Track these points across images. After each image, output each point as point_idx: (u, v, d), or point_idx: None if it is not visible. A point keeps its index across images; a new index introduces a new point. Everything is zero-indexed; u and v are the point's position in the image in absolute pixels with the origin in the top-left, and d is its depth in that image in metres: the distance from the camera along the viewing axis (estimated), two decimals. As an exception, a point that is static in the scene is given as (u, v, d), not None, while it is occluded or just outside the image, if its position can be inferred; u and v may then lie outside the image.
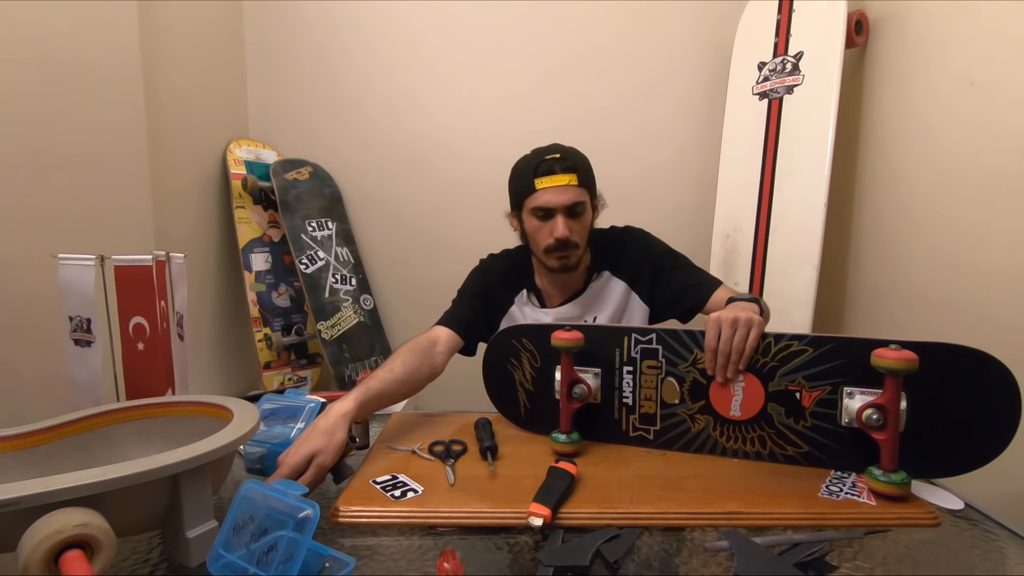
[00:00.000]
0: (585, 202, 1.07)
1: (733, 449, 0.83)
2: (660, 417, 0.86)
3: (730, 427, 0.83)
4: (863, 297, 1.43)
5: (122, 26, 1.15)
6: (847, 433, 0.76)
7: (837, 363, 0.76)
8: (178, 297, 0.95)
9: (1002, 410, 0.71)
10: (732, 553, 0.63)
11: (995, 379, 0.70)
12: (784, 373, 0.79)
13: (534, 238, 1.09)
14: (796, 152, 1.44)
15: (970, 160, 1.11)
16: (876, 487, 0.71)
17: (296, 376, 1.69)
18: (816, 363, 0.77)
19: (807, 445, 0.79)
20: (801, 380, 0.78)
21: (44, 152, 0.97)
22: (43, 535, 0.49)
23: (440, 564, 0.58)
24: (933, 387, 0.71)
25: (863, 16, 1.41)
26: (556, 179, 1.04)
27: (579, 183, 1.05)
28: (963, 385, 0.71)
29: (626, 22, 1.71)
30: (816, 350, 0.77)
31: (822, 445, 0.78)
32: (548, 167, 1.04)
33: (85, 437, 0.72)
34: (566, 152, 1.07)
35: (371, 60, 1.76)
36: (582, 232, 1.08)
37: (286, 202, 1.64)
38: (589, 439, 0.89)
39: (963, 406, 0.72)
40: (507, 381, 0.97)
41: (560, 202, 1.04)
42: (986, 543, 0.66)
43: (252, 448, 0.84)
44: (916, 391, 0.71)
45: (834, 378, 0.76)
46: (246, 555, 0.54)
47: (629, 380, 0.87)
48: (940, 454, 0.73)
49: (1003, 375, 0.70)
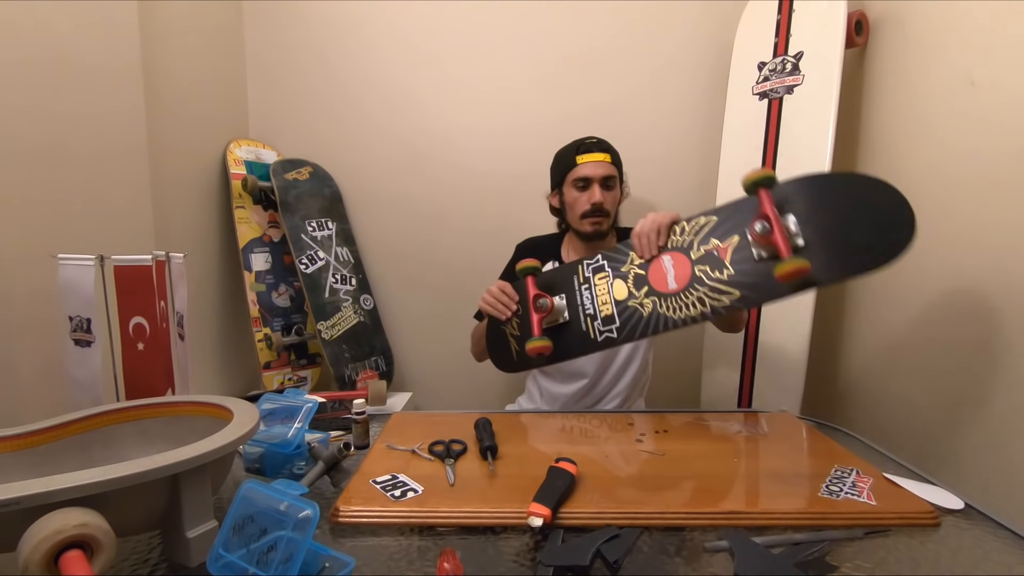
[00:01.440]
0: (616, 177, 1.30)
1: (681, 318, 0.96)
2: (617, 314, 1.03)
3: (672, 299, 0.98)
4: (862, 296, 1.43)
5: (122, 26, 1.14)
6: (764, 266, 0.89)
7: (738, 219, 0.94)
8: (178, 297, 0.95)
9: (891, 219, 0.84)
10: (732, 553, 0.63)
11: (884, 198, 0.85)
12: (700, 241, 0.97)
13: (572, 207, 1.30)
14: (796, 152, 1.44)
15: (970, 160, 1.11)
16: (781, 270, 0.82)
17: (296, 376, 1.69)
18: (721, 225, 0.95)
19: (737, 289, 0.92)
20: (714, 240, 0.95)
21: (44, 152, 0.97)
22: (43, 535, 0.49)
23: (440, 564, 0.58)
24: (833, 209, 0.87)
25: (863, 16, 1.41)
26: (594, 156, 1.27)
27: (612, 162, 1.28)
28: (859, 206, 0.86)
29: (626, 22, 1.71)
30: (719, 216, 0.96)
31: (748, 284, 0.91)
32: (588, 147, 1.29)
33: (85, 437, 0.72)
34: (601, 139, 1.32)
35: (371, 60, 1.76)
36: (613, 203, 1.29)
37: (286, 202, 1.64)
38: (566, 357, 1.08)
39: (860, 220, 0.85)
40: (501, 338, 1.16)
41: (597, 174, 1.26)
42: (986, 543, 0.66)
43: (252, 448, 0.84)
44: (819, 212, 0.87)
45: (739, 230, 0.93)
46: (246, 555, 0.54)
47: (587, 295, 1.07)
48: (844, 257, 0.86)
49: (891, 194, 0.84)
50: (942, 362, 1.15)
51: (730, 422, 1.05)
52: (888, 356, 1.33)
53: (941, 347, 1.16)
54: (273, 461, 0.83)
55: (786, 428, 1.03)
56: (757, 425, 1.04)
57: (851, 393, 1.47)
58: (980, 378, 1.06)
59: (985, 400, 1.05)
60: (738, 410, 1.39)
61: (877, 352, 1.38)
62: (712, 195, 1.64)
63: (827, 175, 1.04)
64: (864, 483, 0.77)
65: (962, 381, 1.10)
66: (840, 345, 1.52)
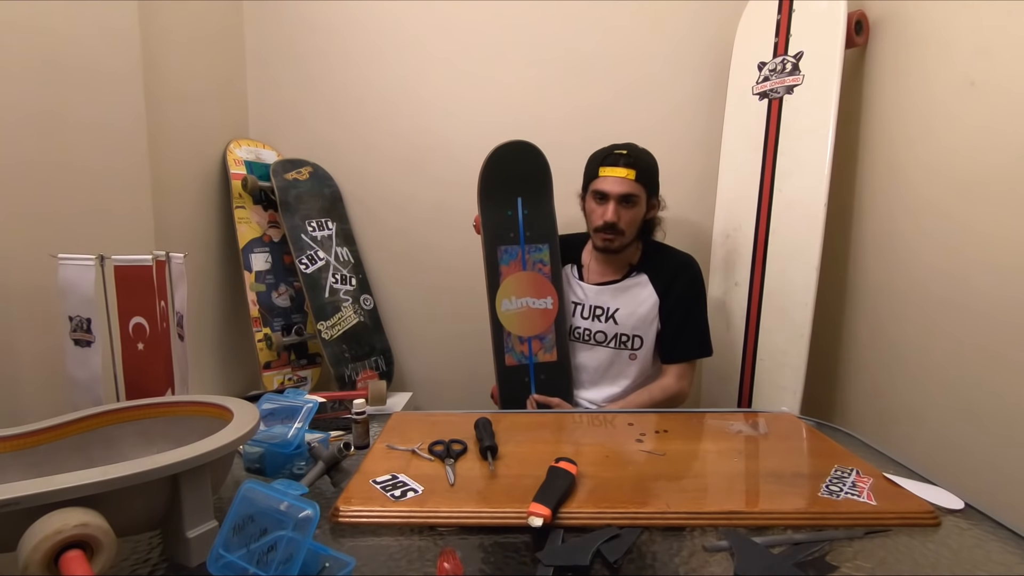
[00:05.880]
0: (639, 196, 1.24)
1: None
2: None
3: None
4: (863, 297, 1.43)
5: (122, 27, 1.14)
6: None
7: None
8: (178, 297, 0.95)
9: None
10: (732, 553, 0.63)
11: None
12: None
13: (590, 217, 1.30)
14: (796, 152, 1.44)
15: (970, 160, 1.11)
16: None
17: (296, 376, 1.69)
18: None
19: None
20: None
21: (44, 152, 0.97)
22: (43, 535, 0.49)
23: (440, 564, 0.58)
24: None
25: (863, 16, 1.41)
26: (617, 171, 1.22)
27: (636, 179, 1.23)
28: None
29: (626, 22, 1.71)
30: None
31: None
32: (613, 160, 1.24)
33: (85, 437, 0.72)
34: (633, 150, 1.26)
35: (371, 60, 1.76)
36: (631, 222, 1.26)
37: (286, 202, 1.64)
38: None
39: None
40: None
41: (615, 191, 1.22)
42: (986, 543, 0.66)
43: (252, 448, 0.84)
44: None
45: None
46: (246, 555, 0.54)
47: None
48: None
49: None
50: (942, 361, 1.15)
51: (730, 422, 1.05)
52: (888, 356, 1.33)
53: (941, 346, 1.16)
54: (273, 461, 0.83)
55: (786, 428, 1.03)
56: (757, 425, 1.04)
57: (851, 393, 1.47)
58: (980, 378, 1.06)
59: (985, 400, 1.05)
60: (738, 410, 1.38)
61: (877, 352, 1.38)
62: (712, 195, 1.65)
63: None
64: (864, 483, 0.77)
65: (962, 380, 1.10)
66: (840, 345, 1.52)
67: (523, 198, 1.35)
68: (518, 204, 1.35)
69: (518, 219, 1.35)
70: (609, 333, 1.32)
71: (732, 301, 1.56)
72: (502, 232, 1.35)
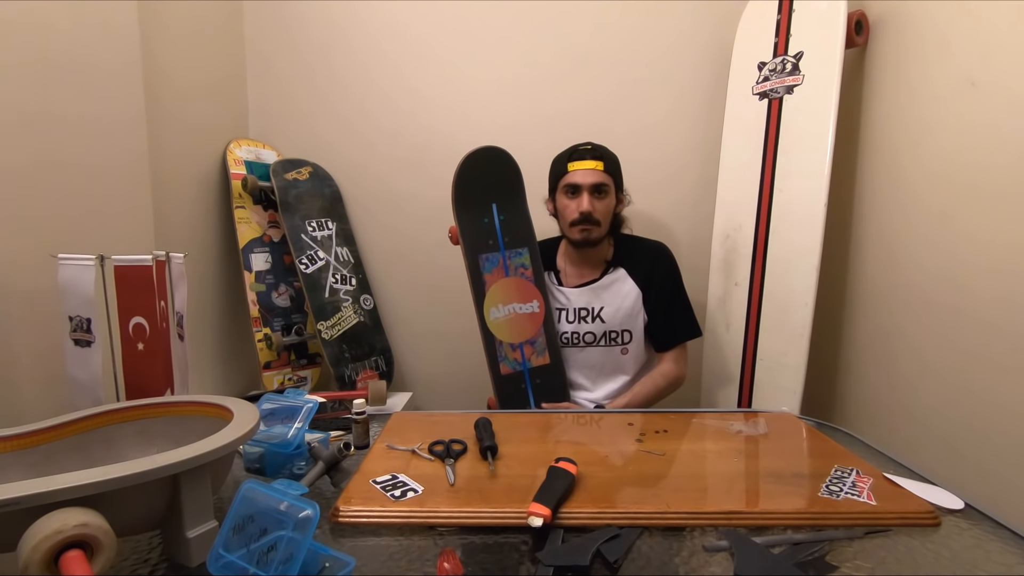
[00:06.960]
0: (609, 186, 1.28)
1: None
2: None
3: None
4: (863, 297, 1.43)
5: (122, 26, 1.14)
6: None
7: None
8: (178, 297, 0.95)
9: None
10: (732, 553, 0.63)
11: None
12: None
13: (563, 213, 1.31)
14: (796, 152, 1.44)
15: (970, 160, 1.11)
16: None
17: (296, 376, 1.69)
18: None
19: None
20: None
21: (44, 152, 0.97)
22: (43, 535, 0.49)
23: (440, 564, 0.58)
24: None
25: (863, 16, 1.41)
26: (585, 163, 1.26)
27: (605, 170, 1.27)
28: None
29: (626, 22, 1.71)
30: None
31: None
32: (580, 154, 1.28)
33: (85, 437, 0.72)
34: (596, 145, 1.30)
35: (372, 59, 1.76)
36: (604, 212, 1.28)
37: (286, 202, 1.64)
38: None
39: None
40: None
41: (587, 181, 1.25)
42: (986, 543, 0.66)
43: (252, 448, 0.84)
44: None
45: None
46: (246, 555, 0.54)
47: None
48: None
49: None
50: (942, 361, 1.15)
51: (730, 422, 1.05)
52: (888, 355, 1.33)
53: (941, 346, 1.16)
54: (273, 461, 0.83)
55: (786, 428, 1.03)
56: (757, 425, 1.04)
57: (851, 393, 1.47)
58: (980, 377, 1.06)
59: (985, 399, 1.05)
60: (738, 410, 1.38)
61: (877, 351, 1.38)
62: (712, 195, 1.65)
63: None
64: (864, 483, 0.77)
65: (962, 380, 1.10)
66: (840, 345, 1.52)
67: (497, 204, 1.36)
68: (493, 210, 1.35)
69: (495, 225, 1.35)
70: (598, 332, 1.34)
71: (732, 301, 1.56)
72: (481, 240, 1.35)
